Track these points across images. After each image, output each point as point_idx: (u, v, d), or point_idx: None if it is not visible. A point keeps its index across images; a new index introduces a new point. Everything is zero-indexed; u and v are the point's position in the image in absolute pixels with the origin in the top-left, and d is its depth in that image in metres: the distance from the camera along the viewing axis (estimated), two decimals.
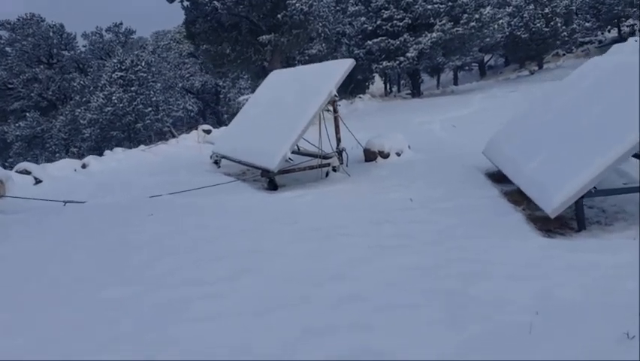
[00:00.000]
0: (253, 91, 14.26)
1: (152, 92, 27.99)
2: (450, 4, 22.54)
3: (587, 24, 33.18)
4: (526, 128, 6.31)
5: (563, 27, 27.72)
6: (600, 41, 36.64)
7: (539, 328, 2.88)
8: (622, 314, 2.90)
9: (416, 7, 22.33)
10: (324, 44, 21.50)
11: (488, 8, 23.06)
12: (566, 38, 28.77)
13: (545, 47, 28.89)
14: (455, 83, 36.80)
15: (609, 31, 37.65)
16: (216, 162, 9.78)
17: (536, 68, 29.45)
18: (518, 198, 5.81)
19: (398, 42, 22.28)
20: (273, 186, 7.52)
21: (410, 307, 3.27)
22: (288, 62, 21.22)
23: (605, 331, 2.76)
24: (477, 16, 22.68)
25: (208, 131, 12.87)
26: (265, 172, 7.51)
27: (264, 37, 18.12)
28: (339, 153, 7.97)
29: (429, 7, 22.34)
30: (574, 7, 29.08)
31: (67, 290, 3.93)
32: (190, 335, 3.08)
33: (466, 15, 22.67)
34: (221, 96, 33.45)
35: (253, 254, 4.45)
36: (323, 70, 7.78)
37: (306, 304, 3.43)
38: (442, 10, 22.49)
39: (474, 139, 10.69)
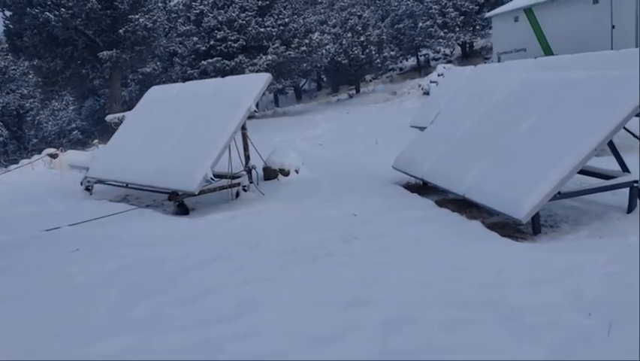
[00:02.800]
0: (78, 111, 12.88)
1: None
2: (281, 28, 23.03)
3: (392, 53, 36.40)
4: (447, 141, 6.58)
5: (377, 54, 30.03)
6: (401, 68, 40.58)
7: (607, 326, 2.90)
8: None
9: (249, 29, 22.40)
10: (158, 63, 20.39)
11: (317, 34, 24.07)
12: (379, 65, 31.21)
13: (362, 72, 31.00)
14: (277, 106, 37.66)
15: (407, 60, 41.92)
16: (88, 188, 8.60)
17: (354, 92, 31.42)
18: (456, 206, 6.03)
19: (234, 63, 22.08)
20: (183, 211, 6.82)
21: (474, 323, 3.12)
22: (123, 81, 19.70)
23: None
24: (307, 41, 23.51)
25: (54, 156, 11.28)
26: (174, 195, 6.77)
27: (104, 53, 16.54)
28: (249, 171, 7.53)
29: (262, 29, 22.56)
30: (384, 37, 31.70)
31: (47, 353, 3.03)
32: None
33: (296, 39, 23.35)
34: (29, 119, 29.73)
35: (247, 284, 3.92)
36: (235, 84, 7.29)
37: (352, 334, 3.09)
38: (274, 33, 22.86)
39: (351, 155, 11.04)
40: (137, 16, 16.37)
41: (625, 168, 5.30)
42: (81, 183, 8.69)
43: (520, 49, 21.41)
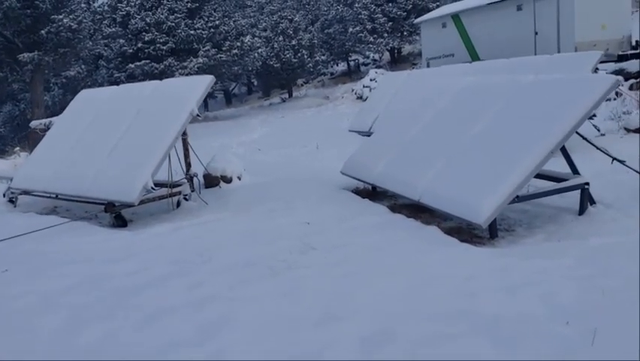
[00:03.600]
0: None
1: None
2: (212, 30, 22.52)
3: (322, 57, 36.51)
4: (396, 145, 6.50)
5: (309, 59, 29.98)
6: (332, 73, 40.81)
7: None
8: None
9: (179, 31, 21.75)
10: (83, 66, 19.36)
11: (248, 37, 23.71)
12: (312, 69, 31.19)
13: (294, 76, 30.87)
14: (206, 110, 36.85)
15: (337, 64, 42.22)
16: (12, 200, 7.92)
17: (287, 96, 31.24)
18: (409, 211, 5.96)
19: (163, 66, 21.35)
20: (121, 223, 6.37)
21: (455, 336, 2.99)
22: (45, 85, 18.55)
23: None
24: (239, 44, 23.11)
25: None
26: (110, 206, 6.31)
27: (24, 55, 15.43)
28: (190, 179, 7.16)
29: (192, 32, 21.97)
30: (316, 41, 31.71)
31: None
32: None
33: (228, 42, 22.91)
34: None
35: (207, 302, 3.63)
36: (175, 87, 6.90)
37: (330, 352, 2.90)
38: (204, 35, 22.32)
39: (292, 160, 10.83)
40: (60, 17, 15.42)
41: (575, 171, 5.40)
42: (4, 195, 8.00)
43: (449, 54, 22.00)
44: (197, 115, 6.38)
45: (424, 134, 6.22)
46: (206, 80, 6.53)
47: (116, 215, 6.35)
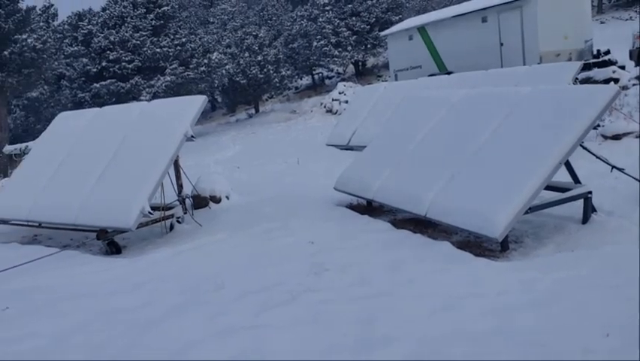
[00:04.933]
0: None
1: None
2: (179, 48, 22.23)
3: (287, 72, 36.51)
4: (395, 160, 6.44)
5: (275, 74, 29.89)
6: (297, 87, 40.82)
7: None
8: None
9: (144, 49, 21.38)
10: (45, 87, 18.77)
11: (216, 53, 23.49)
12: (278, 84, 31.10)
13: (261, 91, 30.71)
14: None
15: (301, 78, 42.29)
16: None
17: (253, 111, 31.04)
18: (413, 226, 5.89)
19: (129, 85, 20.91)
20: (115, 249, 6.12)
21: (507, 357, 2.92)
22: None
23: None
24: (206, 60, 22.87)
25: None
26: (103, 232, 6.05)
27: None
28: (182, 201, 6.95)
29: (158, 50, 21.63)
30: (281, 56, 31.66)
31: None
32: None
33: (195, 60, 22.65)
34: None
35: (232, 333, 3.46)
36: (165, 108, 6.67)
37: None
38: (171, 53, 22.01)
39: (275, 177, 10.65)
40: (24, 37, 14.91)
41: (577, 180, 5.44)
42: None
43: (416, 66, 22.24)
44: (192, 137, 6.20)
45: (424, 147, 6.17)
46: (199, 101, 6.36)
47: (109, 242, 6.09)
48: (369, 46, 31.23)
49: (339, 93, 23.34)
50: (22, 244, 6.87)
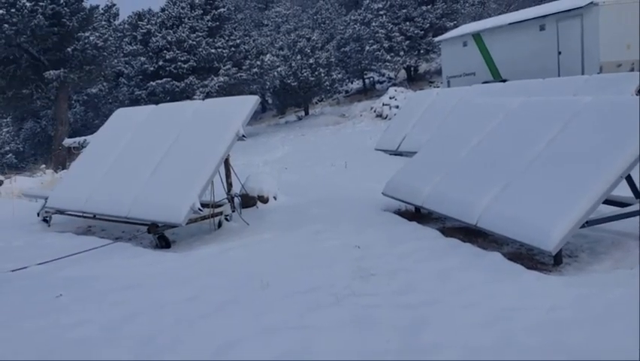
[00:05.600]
0: (16, 133, 11.81)
1: None
2: (233, 49, 22.59)
3: (339, 75, 36.58)
4: (446, 167, 6.32)
5: (326, 77, 30.01)
6: (347, 91, 40.87)
7: None
8: None
9: (200, 50, 21.83)
10: (105, 84, 19.45)
11: (268, 55, 23.76)
12: (328, 87, 31.21)
13: (311, 94, 30.89)
14: None
15: (352, 82, 42.33)
16: (46, 220, 7.83)
17: (303, 114, 31.24)
18: (462, 234, 5.77)
19: (184, 84, 21.40)
20: (164, 244, 6.24)
21: None
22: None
23: None
24: (259, 62, 23.16)
25: None
26: (153, 227, 6.19)
27: (50, 72, 15.47)
28: (231, 199, 7.04)
29: (212, 51, 22.05)
30: (333, 59, 31.77)
31: None
32: None
33: (248, 61, 22.97)
34: None
35: (277, 332, 3.46)
36: (219, 107, 6.79)
37: None
38: (225, 54, 22.39)
39: (323, 179, 10.67)
40: (86, 34, 15.49)
41: (638, 195, 5.21)
42: (38, 214, 7.91)
43: (470, 73, 21.89)
44: (243, 136, 6.27)
45: (478, 155, 6.05)
46: (252, 101, 6.42)
47: (160, 236, 6.22)
48: (422, 51, 30.91)
49: (390, 98, 23.20)
50: (77, 234, 7.11)
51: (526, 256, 5.09)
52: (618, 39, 16.16)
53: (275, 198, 8.14)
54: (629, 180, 5.21)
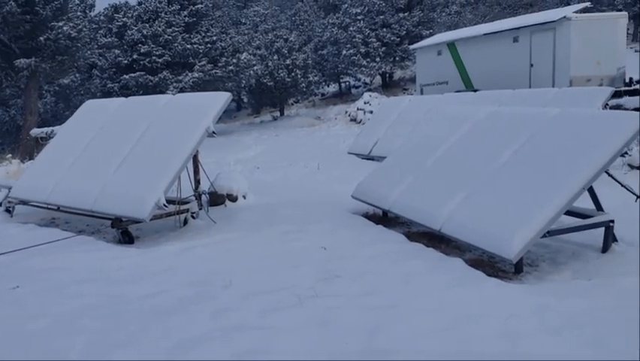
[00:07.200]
0: None
1: None
2: (209, 46, 22.42)
3: (315, 78, 36.62)
4: (414, 172, 6.38)
5: (302, 78, 30.01)
6: (323, 94, 40.93)
7: None
8: None
9: (175, 45, 21.61)
10: (77, 75, 19.08)
11: (245, 54, 23.65)
12: (304, 89, 31.22)
13: (287, 95, 30.85)
14: None
15: (328, 85, 42.42)
16: (8, 210, 7.65)
17: (278, 114, 31.18)
18: (427, 239, 5.83)
19: (157, 79, 21.15)
20: (128, 239, 6.15)
21: None
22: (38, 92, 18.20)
23: None
24: (235, 60, 23.04)
25: None
26: (117, 222, 6.10)
27: (21, 60, 15.11)
28: (199, 196, 6.97)
29: (188, 46, 21.85)
30: (310, 62, 31.78)
31: None
32: None
33: (224, 58, 22.82)
34: None
35: (237, 331, 3.44)
36: (189, 102, 6.72)
37: None
38: (201, 50, 22.21)
39: (294, 180, 10.66)
40: (60, 24, 15.18)
41: (599, 207, 5.33)
42: (0, 204, 7.72)
43: (443, 82, 22.12)
44: (213, 132, 6.22)
45: (443, 163, 6.12)
46: (223, 98, 6.38)
47: (123, 231, 6.13)
48: (397, 58, 31.17)
49: (365, 103, 23.31)
50: (40, 226, 6.96)
51: (488, 263, 5.17)
52: (589, 54, 16.54)
53: (244, 197, 8.09)
54: (592, 193, 5.33)
